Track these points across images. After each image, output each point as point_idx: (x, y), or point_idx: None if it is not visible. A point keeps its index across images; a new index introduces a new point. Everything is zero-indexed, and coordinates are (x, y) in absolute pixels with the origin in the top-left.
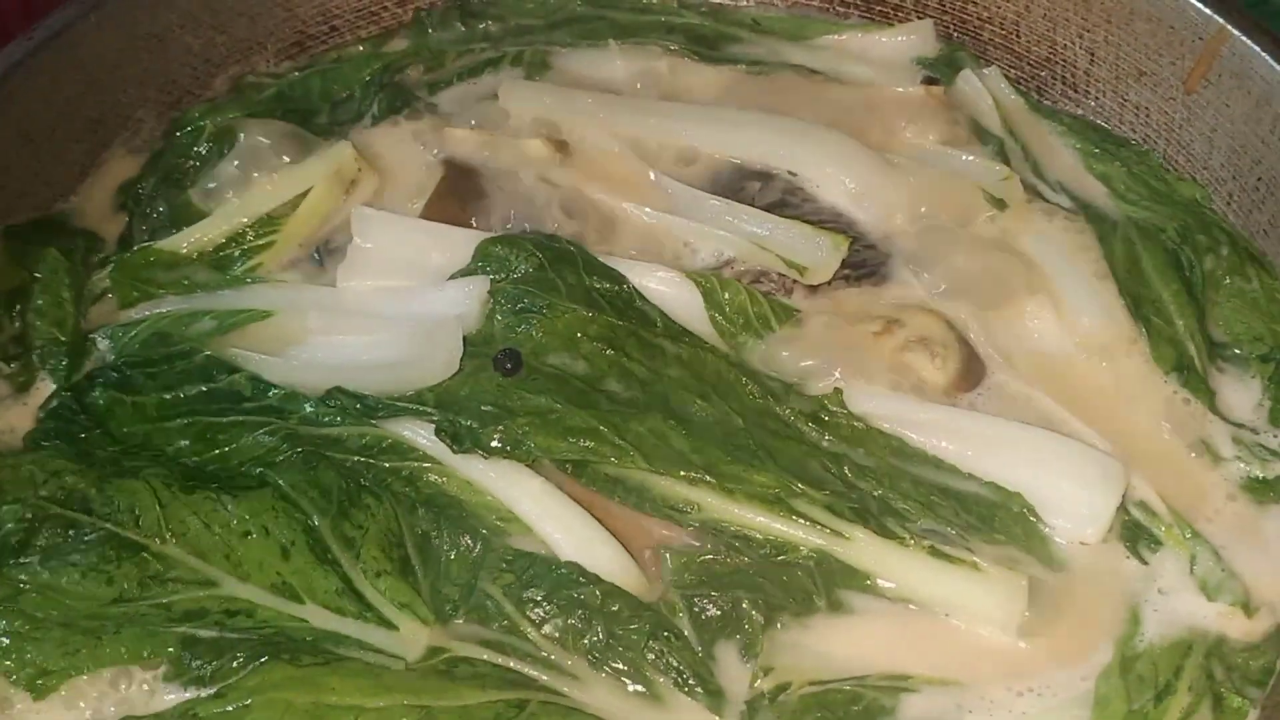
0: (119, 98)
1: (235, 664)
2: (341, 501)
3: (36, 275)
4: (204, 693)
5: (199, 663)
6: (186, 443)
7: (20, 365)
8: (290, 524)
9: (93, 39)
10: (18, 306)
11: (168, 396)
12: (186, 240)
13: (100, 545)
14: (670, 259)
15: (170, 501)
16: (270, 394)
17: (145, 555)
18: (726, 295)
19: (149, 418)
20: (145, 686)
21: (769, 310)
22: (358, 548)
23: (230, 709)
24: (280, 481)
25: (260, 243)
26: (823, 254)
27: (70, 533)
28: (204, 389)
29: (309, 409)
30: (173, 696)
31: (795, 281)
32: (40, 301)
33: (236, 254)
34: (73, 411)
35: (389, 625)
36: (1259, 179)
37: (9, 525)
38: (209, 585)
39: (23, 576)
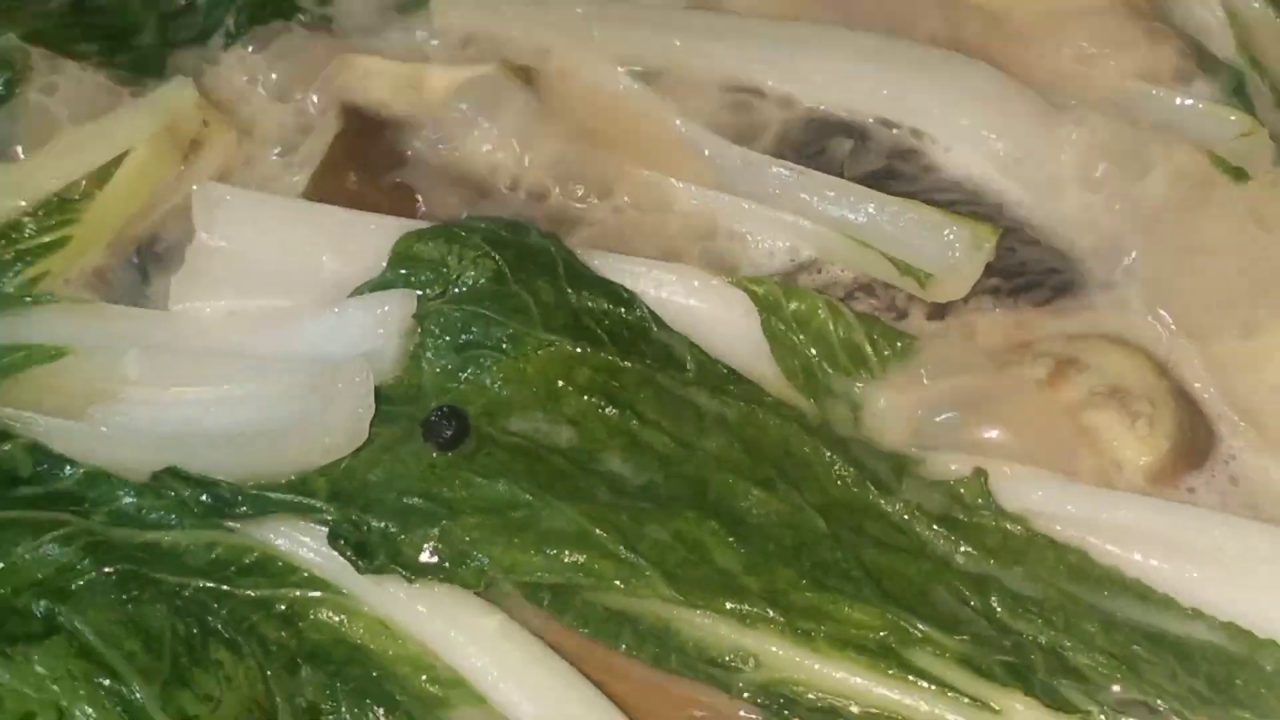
0: None
1: None
2: (177, 657)
3: None
4: None
5: None
6: None
7: None
8: (94, 698)
9: None
10: None
11: None
12: None
13: None
14: (711, 261)
15: None
16: (65, 475)
17: None
18: (797, 310)
19: None
20: None
21: (867, 341)
22: None
23: None
24: (79, 625)
25: (47, 240)
26: (957, 254)
27: None
28: None
29: (127, 500)
30: None
31: (912, 298)
32: None
33: (9, 257)
34: None
35: None
36: None
37: None
38: None
39: None
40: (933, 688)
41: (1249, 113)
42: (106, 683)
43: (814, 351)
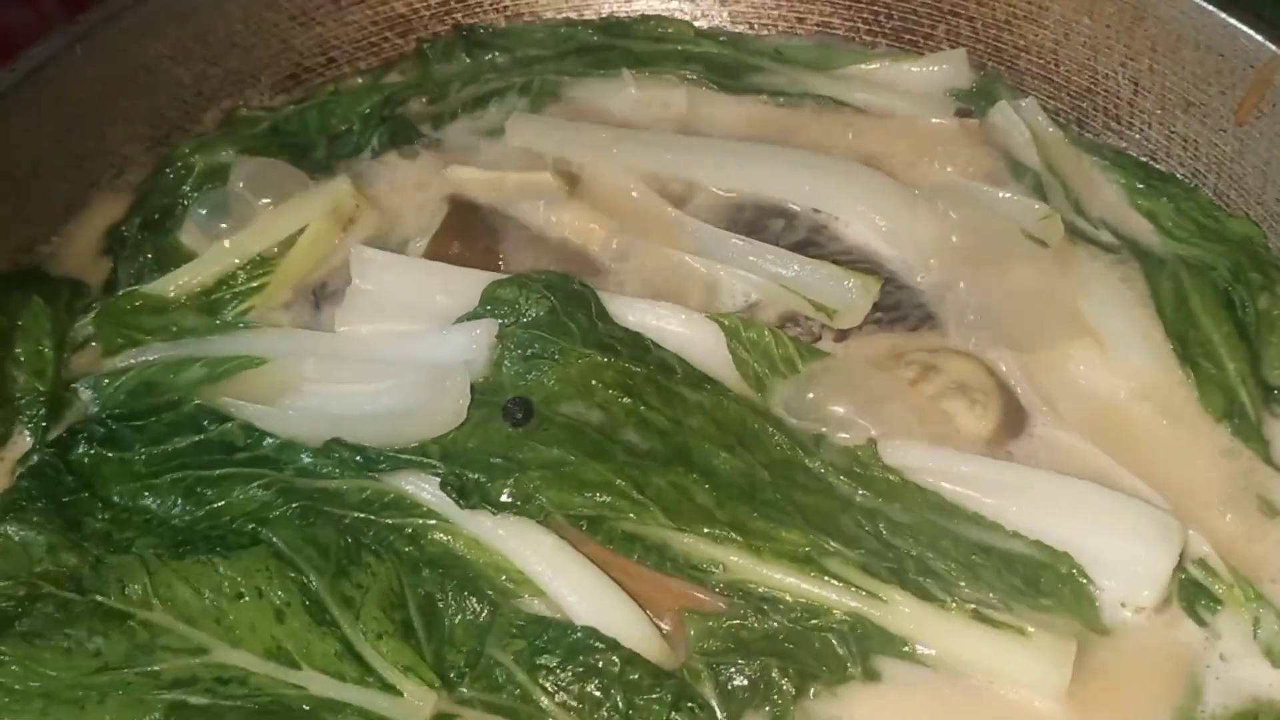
0: (105, 133)
1: None
2: (340, 560)
3: (18, 322)
4: None
5: None
6: (177, 500)
7: None
8: (285, 584)
9: (78, 72)
10: None
11: (155, 450)
12: (174, 283)
13: (87, 618)
14: (691, 302)
15: (159, 569)
16: (265, 443)
17: (132, 624)
18: (750, 336)
19: (137, 475)
20: None
21: (795, 353)
22: (357, 608)
23: None
24: (275, 539)
25: (252, 285)
26: (852, 296)
27: (61, 612)
28: (194, 440)
29: (306, 460)
30: None
31: (824, 326)
32: (19, 350)
33: (227, 297)
34: (56, 471)
35: (392, 690)
36: None
37: None
38: (199, 653)
39: (5, 650)
40: (840, 584)
41: (1045, 201)
42: (292, 574)
43: (761, 360)
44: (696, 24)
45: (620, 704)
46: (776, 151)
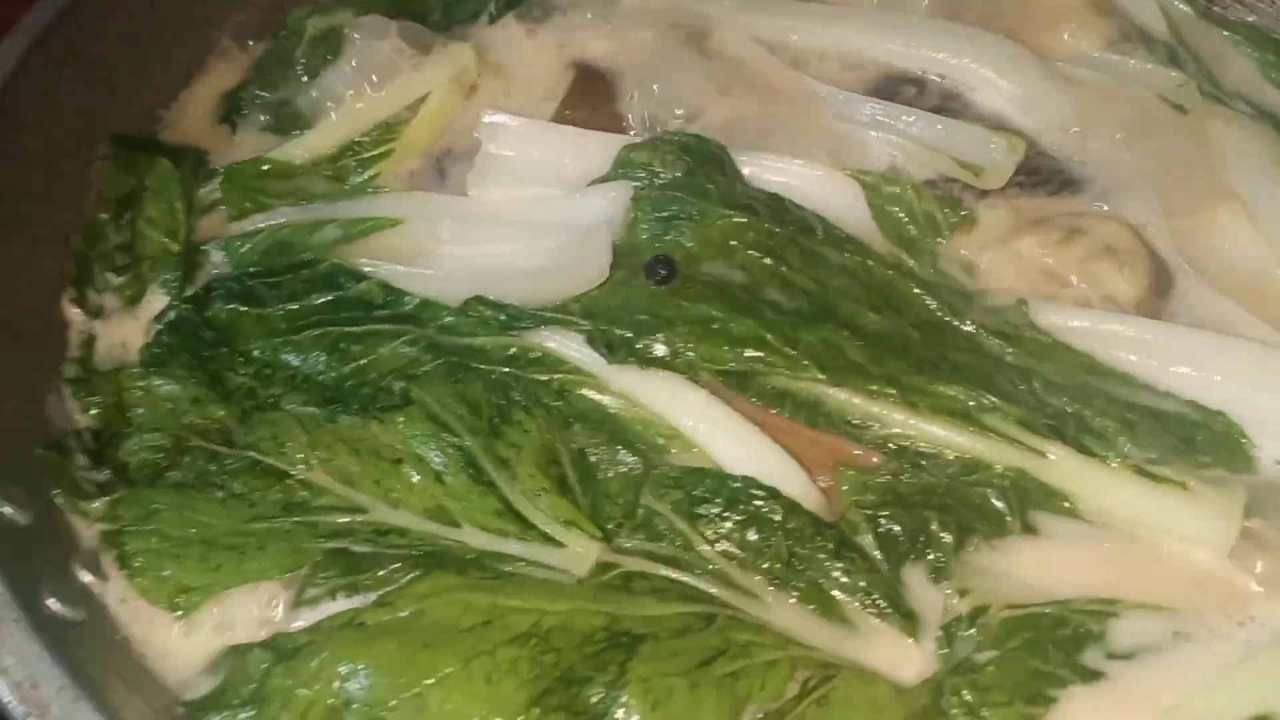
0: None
1: (396, 573)
2: (493, 419)
3: (146, 184)
4: (367, 601)
5: (354, 576)
6: (321, 356)
7: (130, 277)
8: (441, 447)
9: None
10: (126, 215)
11: (294, 307)
12: (299, 149)
13: (244, 474)
14: (834, 163)
15: (315, 429)
16: (405, 302)
17: (290, 483)
18: (892, 192)
19: (276, 330)
20: (294, 602)
21: (938, 212)
22: (513, 467)
23: (403, 615)
24: (427, 399)
25: (378, 152)
26: (998, 155)
27: (213, 464)
28: (332, 298)
29: (448, 318)
30: (329, 608)
31: (965, 187)
32: (151, 211)
33: (353, 164)
34: (194, 325)
35: (555, 543)
36: None
37: (145, 454)
38: (358, 511)
39: (160, 499)
40: (1000, 439)
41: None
42: (447, 437)
43: (904, 218)
44: None
45: (783, 552)
46: (906, 19)
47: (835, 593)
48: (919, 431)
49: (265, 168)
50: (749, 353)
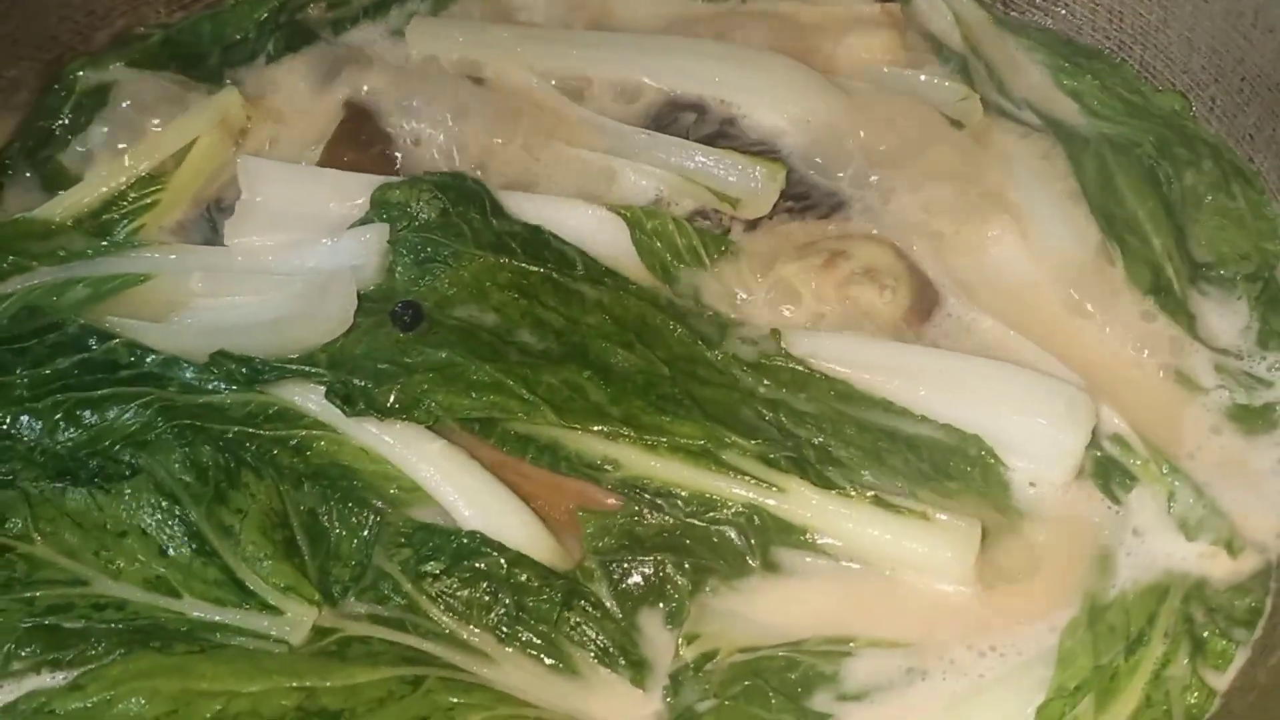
0: None
1: (97, 653)
2: (219, 484)
3: None
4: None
5: (57, 654)
6: (59, 423)
7: None
8: (165, 518)
9: None
10: None
11: (37, 373)
12: (60, 207)
13: None
14: (597, 197)
15: (40, 503)
16: (149, 360)
17: (11, 557)
18: (655, 225)
19: (18, 400)
20: None
21: (699, 243)
22: (237, 535)
23: (92, 704)
24: (156, 467)
25: (143, 204)
26: (758, 185)
27: None
28: (78, 359)
29: (189, 375)
30: (32, 681)
31: (733, 217)
32: None
33: (117, 217)
34: None
35: (273, 610)
36: (1242, 79)
37: None
38: (79, 584)
39: None
40: (736, 475)
41: (969, 84)
42: (171, 507)
43: (665, 252)
44: None
45: (509, 606)
46: (683, 43)
47: (564, 644)
48: (655, 471)
49: (23, 228)
50: (488, 398)
